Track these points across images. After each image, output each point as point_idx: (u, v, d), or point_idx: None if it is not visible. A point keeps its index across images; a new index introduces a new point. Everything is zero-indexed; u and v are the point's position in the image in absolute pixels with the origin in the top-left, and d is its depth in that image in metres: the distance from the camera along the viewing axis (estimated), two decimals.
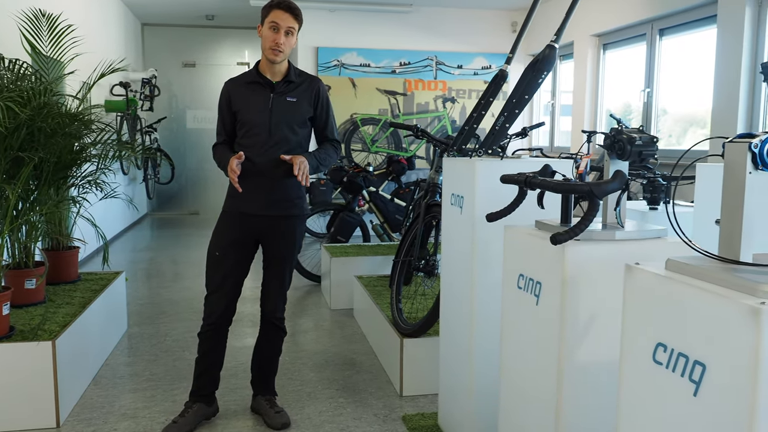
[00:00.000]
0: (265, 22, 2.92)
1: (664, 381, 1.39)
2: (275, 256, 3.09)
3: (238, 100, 3.02)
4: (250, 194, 2.97)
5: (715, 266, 1.39)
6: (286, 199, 3.03)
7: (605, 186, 1.80)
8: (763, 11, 5.10)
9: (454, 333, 2.86)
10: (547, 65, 2.61)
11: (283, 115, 2.98)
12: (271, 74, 3.01)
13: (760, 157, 1.36)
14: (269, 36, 2.90)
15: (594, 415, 1.90)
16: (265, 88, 3.00)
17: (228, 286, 3.05)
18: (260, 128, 2.97)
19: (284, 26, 2.89)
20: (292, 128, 3.00)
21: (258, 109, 2.98)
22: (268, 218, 3.02)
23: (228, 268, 3.04)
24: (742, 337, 1.18)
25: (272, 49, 2.90)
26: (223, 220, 3.09)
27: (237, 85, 3.06)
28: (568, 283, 1.84)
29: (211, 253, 3.07)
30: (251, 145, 2.97)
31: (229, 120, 3.06)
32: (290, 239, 3.08)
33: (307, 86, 3.06)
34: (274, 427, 3.11)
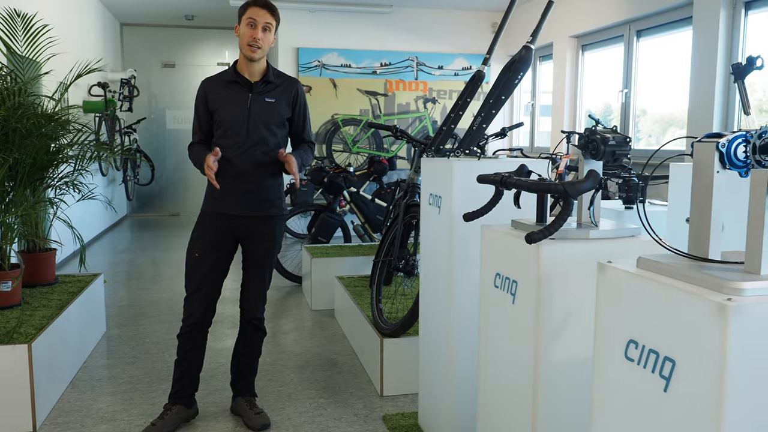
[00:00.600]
0: (242, 20, 2.91)
1: (636, 377, 1.41)
2: (255, 256, 3.08)
3: (215, 100, 3.00)
4: (229, 195, 2.97)
5: (685, 264, 1.41)
6: (266, 200, 3.03)
7: (579, 185, 1.82)
8: (737, 13, 5.17)
9: (433, 332, 2.88)
10: (523, 66, 2.63)
11: (261, 116, 2.97)
12: (249, 74, 2.99)
13: (728, 156, 1.39)
14: (247, 32, 2.89)
15: (570, 412, 1.92)
16: (244, 88, 2.98)
17: (207, 287, 3.04)
18: (238, 128, 2.95)
19: (261, 22, 2.88)
20: (270, 129, 2.99)
21: (236, 109, 2.96)
22: (247, 219, 3.02)
23: (207, 269, 3.02)
24: (709, 332, 1.21)
25: (250, 45, 2.89)
26: (203, 221, 3.07)
27: (215, 84, 3.04)
28: (543, 281, 1.86)
29: (190, 254, 3.05)
30: (229, 145, 2.95)
31: (206, 119, 3.04)
32: (270, 240, 3.08)
33: (285, 87, 3.05)
34: (254, 428, 3.10)
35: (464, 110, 2.88)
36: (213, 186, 2.98)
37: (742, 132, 1.40)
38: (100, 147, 4.57)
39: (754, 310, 1.18)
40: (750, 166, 1.39)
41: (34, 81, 4.29)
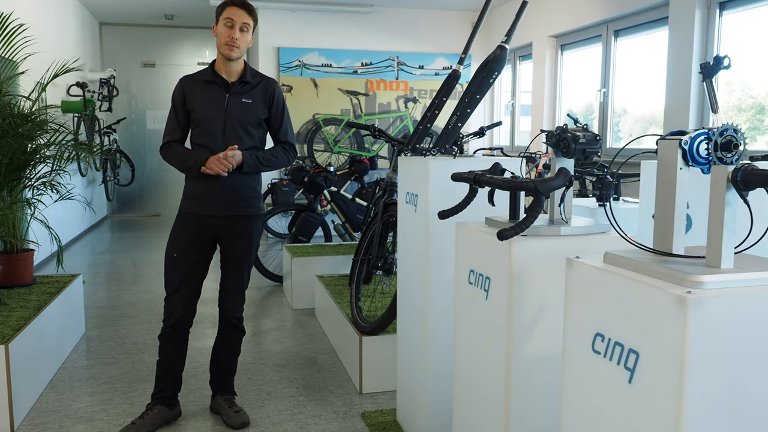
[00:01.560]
0: (220, 19, 2.93)
1: (602, 369, 1.45)
2: (233, 256, 3.09)
3: (192, 98, 3.00)
4: (206, 195, 2.98)
5: (650, 258, 1.44)
6: (242, 199, 3.04)
7: (549, 183, 1.85)
8: (712, 13, 5.25)
9: (410, 330, 2.90)
10: (497, 65, 2.66)
11: (238, 116, 2.98)
12: (227, 74, 3.00)
13: (690, 153, 1.43)
14: (225, 32, 2.90)
15: (542, 407, 1.95)
16: (221, 88, 2.99)
17: (187, 288, 3.04)
18: (215, 128, 2.96)
19: (239, 22, 2.90)
20: (247, 129, 3.00)
21: (213, 109, 2.97)
22: (224, 218, 3.02)
23: (186, 269, 3.02)
24: (670, 324, 1.24)
25: (228, 44, 2.90)
26: (180, 221, 3.07)
27: (192, 82, 3.04)
28: (515, 277, 1.89)
29: (168, 254, 3.05)
30: (206, 145, 2.97)
31: (184, 117, 3.04)
32: (248, 239, 3.09)
33: (262, 87, 3.06)
34: (233, 427, 3.11)
35: (440, 109, 2.91)
36: (190, 186, 2.99)
37: (704, 129, 1.44)
38: (78, 147, 4.55)
39: (713, 303, 1.22)
40: (712, 163, 1.42)
41: (10, 81, 4.26)
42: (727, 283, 1.27)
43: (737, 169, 1.29)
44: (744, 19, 5.11)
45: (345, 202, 6.25)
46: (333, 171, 6.24)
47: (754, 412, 1.26)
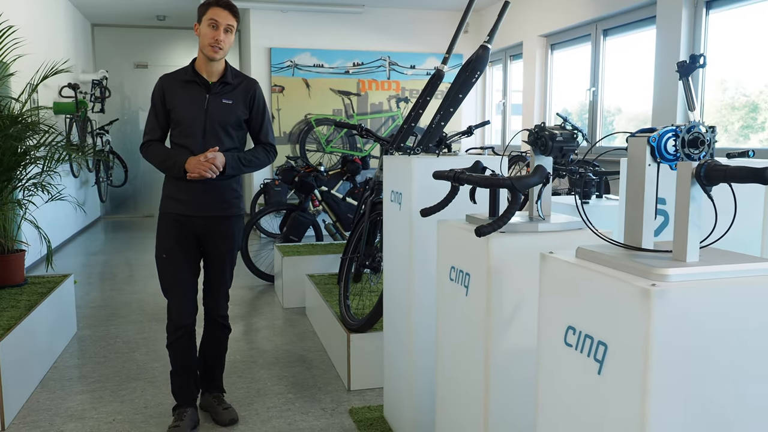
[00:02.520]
0: (203, 20, 2.91)
1: (574, 361, 1.48)
2: (215, 255, 3.09)
3: (172, 98, 2.97)
4: (187, 196, 2.97)
5: (620, 253, 1.48)
6: (223, 200, 3.03)
7: (526, 180, 1.88)
8: (698, 12, 5.30)
9: (396, 327, 2.94)
10: (480, 65, 2.69)
11: (217, 117, 2.96)
12: (207, 74, 2.98)
13: (658, 150, 1.46)
14: (208, 33, 2.89)
15: (520, 400, 1.98)
16: (201, 88, 2.97)
17: (183, 287, 3.02)
18: (194, 128, 2.94)
19: (223, 23, 2.89)
20: (227, 130, 2.98)
21: (193, 109, 2.95)
22: (205, 219, 3.01)
23: (179, 268, 3.02)
24: (635, 316, 1.28)
25: (212, 45, 2.88)
26: (164, 222, 3.06)
27: (172, 82, 3.01)
28: (493, 273, 1.92)
29: (159, 257, 3.05)
30: (186, 145, 2.95)
31: (164, 116, 3.01)
32: (229, 239, 3.09)
33: (243, 88, 3.04)
34: (222, 423, 3.14)
35: (424, 108, 2.94)
36: (170, 186, 2.99)
37: (672, 127, 1.48)
38: (68, 148, 4.57)
39: (677, 295, 1.25)
40: (680, 160, 1.46)
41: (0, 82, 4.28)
42: (691, 276, 1.31)
43: (701, 165, 1.33)
44: (735, 17, 5.16)
45: (336, 202, 6.29)
46: (323, 171, 6.27)
47: (718, 401, 1.30)
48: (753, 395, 1.32)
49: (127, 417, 3.25)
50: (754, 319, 1.30)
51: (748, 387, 1.32)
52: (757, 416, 1.33)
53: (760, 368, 1.32)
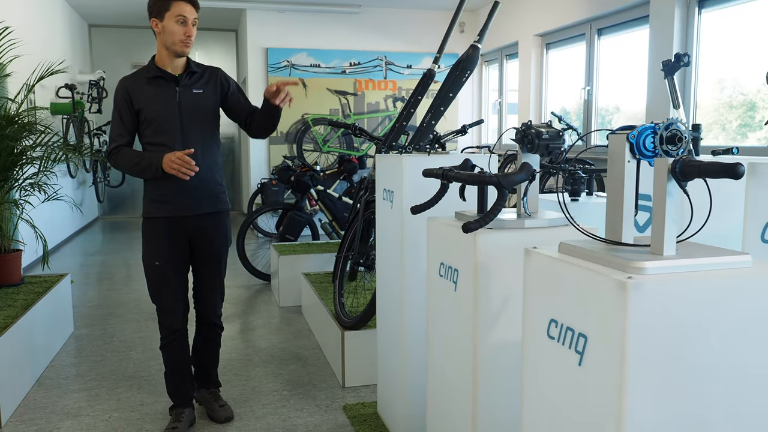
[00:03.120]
0: (166, 16, 2.81)
1: (556, 353, 1.51)
2: (209, 254, 3.05)
3: (140, 98, 2.87)
4: (174, 196, 2.90)
5: (600, 247, 1.51)
6: (211, 195, 2.99)
7: (512, 177, 1.92)
8: (691, 11, 5.34)
9: (389, 323, 2.97)
10: (470, 64, 2.72)
11: (192, 108, 2.90)
12: (172, 68, 2.90)
13: (637, 147, 1.49)
14: (179, 30, 2.82)
15: (507, 392, 2.02)
16: (169, 83, 2.89)
17: (179, 292, 3.00)
18: (171, 124, 2.87)
19: (191, 18, 2.84)
20: (205, 120, 2.94)
21: (165, 104, 2.87)
22: (196, 218, 2.96)
23: (173, 274, 2.97)
24: (613, 308, 1.31)
25: (183, 42, 2.83)
26: (152, 227, 2.96)
27: (136, 81, 2.91)
28: (480, 269, 1.95)
29: (149, 264, 2.97)
30: (163, 143, 2.86)
31: (131, 120, 2.89)
32: (221, 235, 3.05)
33: (209, 77, 2.99)
34: (218, 421, 3.17)
35: (416, 108, 2.97)
36: (154, 188, 2.90)
37: (651, 124, 1.51)
38: (65, 149, 4.60)
39: (653, 287, 1.29)
40: (658, 156, 1.49)
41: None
42: (667, 269, 1.34)
43: (676, 161, 1.36)
44: (731, 16, 5.19)
45: (332, 201, 6.32)
46: (319, 170, 6.30)
47: (694, 391, 1.33)
48: (729, 385, 1.35)
49: (123, 415, 3.28)
50: (729, 310, 1.34)
51: (724, 377, 1.35)
52: (733, 406, 1.36)
53: (736, 358, 1.35)
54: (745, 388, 1.37)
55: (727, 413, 1.36)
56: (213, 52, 10.88)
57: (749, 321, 1.35)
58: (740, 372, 1.36)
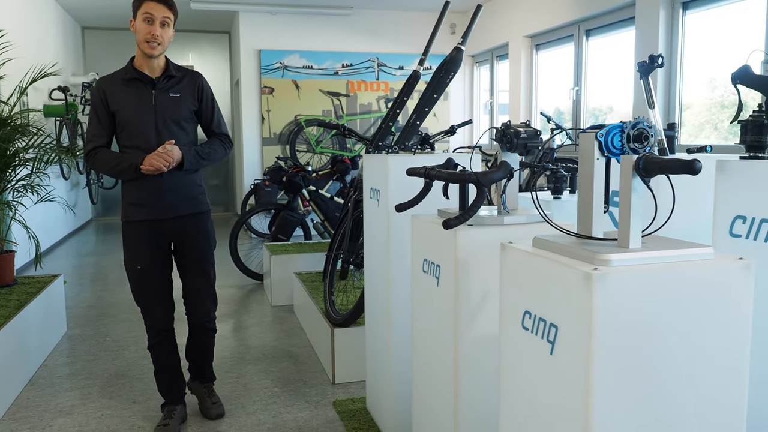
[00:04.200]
0: (137, 14, 2.80)
1: (530, 344, 1.57)
2: (192, 256, 3.04)
3: (116, 99, 2.84)
4: (153, 199, 2.90)
5: (572, 241, 1.57)
6: (190, 197, 2.98)
7: (490, 175, 1.98)
8: (675, 13, 5.41)
9: (376, 319, 3.03)
10: (453, 66, 2.79)
11: (168, 111, 2.87)
12: (149, 70, 2.87)
13: (606, 145, 1.56)
14: (144, 28, 2.77)
15: (487, 384, 2.07)
16: (146, 85, 2.86)
17: (163, 293, 3.02)
18: (146, 126, 2.84)
19: (159, 17, 2.78)
20: (179, 124, 2.91)
21: (141, 107, 2.84)
22: (176, 220, 2.96)
23: (157, 276, 2.99)
24: (580, 298, 1.37)
25: (148, 42, 2.78)
26: (132, 230, 2.96)
27: (112, 83, 2.88)
28: (461, 264, 2.01)
29: (131, 268, 2.97)
30: (138, 145, 2.84)
31: (108, 121, 2.87)
32: (204, 236, 3.04)
33: (188, 81, 2.96)
34: (210, 417, 3.21)
35: (401, 108, 3.03)
36: (132, 192, 2.91)
37: (619, 123, 1.57)
38: (58, 150, 4.65)
39: (617, 278, 1.35)
40: (625, 154, 1.55)
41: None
42: (631, 261, 1.40)
43: (640, 158, 1.42)
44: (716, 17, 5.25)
45: (324, 201, 6.37)
46: (311, 170, 6.36)
47: (659, 379, 1.40)
48: (691, 370, 1.42)
49: (116, 412, 3.33)
50: (691, 300, 1.40)
51: (687, 363, 1.41)
52: (695, 391, 1.43)
53: (697, 345, 1.41)
54: (706, 372, 1.43)
55: (690, 396, 1.43)
56: (206, 54, 10.93)
57: (710, 310, 1.41)
58: (702, 358, 1.42)
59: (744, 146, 2.00)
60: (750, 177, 1.89)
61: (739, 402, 1.47)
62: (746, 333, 1.45)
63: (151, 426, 3.16)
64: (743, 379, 1.47)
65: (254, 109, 9.15)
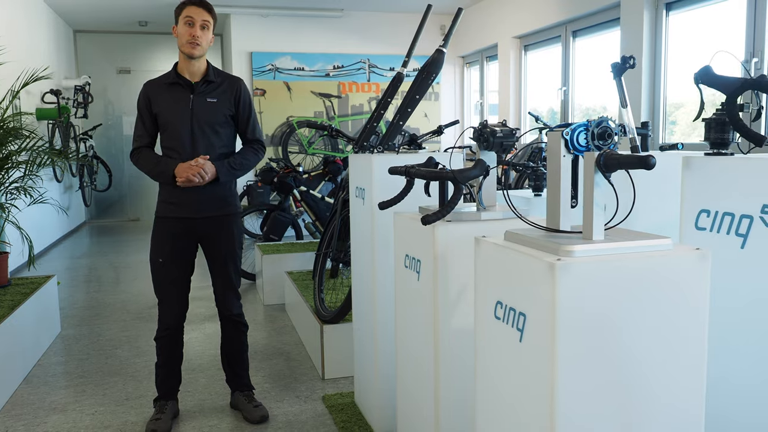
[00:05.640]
0: (179, 19, 2.97)
1: (502, 332, 1.65)
2: (218, 256, 3.14)
3: (158, 102, 3.03)
4: (184, 198, 3.02)
5: (541, 235, 1.65)
6: (219, 198, 3.08)
7: (467, 173, 2.06)
8: (659, 14, 5.51)
9: (363, 315, 3.10)
10: (435, 68, 2.86)
11: (204, 116, 3.01)
12: (190, 74, 3.03)
13: (571, 142, 1.63)
14: (185, 31, 2.94)
15: (466, 374, 2.15)
16: (185, 89, 3.02)
17: (177, 291, 3.12)
18: (182, 129, 2.99)
19: (199, 20, 2.94)
20: (214, 129, 3.03)
21: (179, 110, 3.00)
22: (204, 220, 3.07)
23: (174, 273, 3.09)
24: (545, 287, 1.45)
25: (189, 42, 2.94)
26: (161, 226, 3.10)
27: (156, 86, 3.07)
28: (439, 258, 2.09)
29: (154, 260, 3.11)
30: (174, 147, 3.01)
31: (150, 122, 3.06)
32: (230, 237, 3.13)
33: (227, 86, 3.08)
34: (253, 421, 3.20)
35: (386, 109, 3.11)
36: (166, 191, 3.05)
37: (584, 122, 1.65)
38: (50, 153, 4.71)
39: (580, 268, 1.43)
40: (590, 151, 1.63)
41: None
42: (594, 252, 1.48)
43: (600, 155, 1.50)
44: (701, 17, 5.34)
45: (315, 201, 6.45)
46: (302, 171, 6.43)
47: (620, 360, 1.48)
48: (651, 356, 1.50)
49: (109, 409, 3.40)
50: (650, 288, 1.48)
51: (647, 349, 1.49)
52: (655, 375, 1.51)
53: (656, 330, 1.49)
54: (666, 357, 1.51)
55: (650, 380, 1.51)
56: None
57: (669, 297, 1.49)
58: (661, 343, 1.50)
59: (708, 143, 2.08)
60: (713, 173, 1.98)
61: (697, 385, 1.55)
62: (704, 319, 1.54)
63: (143, 421, 3.23)
64: (702, 363, 1.55)
65: None
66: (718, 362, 1.99)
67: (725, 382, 2.01)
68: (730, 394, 2.02)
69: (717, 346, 1.98)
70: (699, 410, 1.57)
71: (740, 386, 1.99)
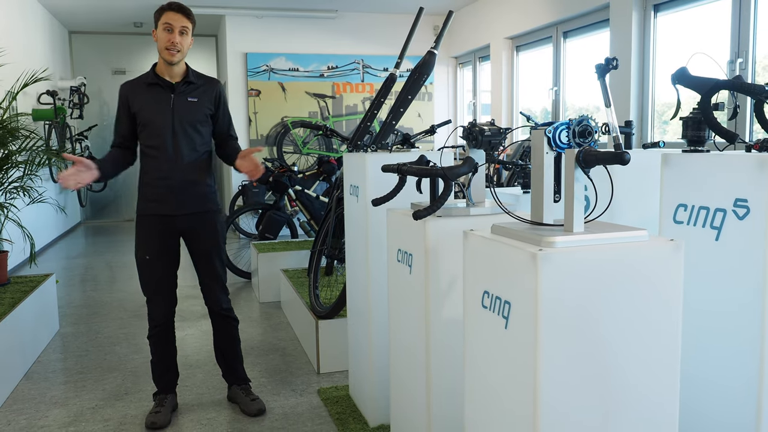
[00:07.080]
0: (158, 24, 3.02)
1: (488, 320, 1.74)
2: (202, 253, 3.21)
3: (137, 102, 3.07)
4: (164, 196, 3.09)
5: (525, 227, 1.74)
6: (199, 195, 3.14)
7: (456, 170, 2.14)
8: (648, 15, 5.61)
9: (357, 310, 3.19)
10: (426, 69, 2.95)
11: (185, 115, 3.07)
12: (169, 76, 3.09)
13: (554, 140, 1.72)
14: (164, 37, 3.01)
15: (457, 363, 2.24)
16: (165, 90, 3.07)
17: (165, 287, 3.19)
18: (163, 129, 3.05)
19: (178, 26, 3.01)
20: (195, 127, 3.10)
21: (159, 110, 3.06)
22: (184, 217, 3.13)
23: (161, 270, 3.16)
24: (528, 276, 1.54)
25: (168, 49, 3.00)
26: (143, 223, 3.16)
27: (135, 86, 3.12)
28: (430, 252, 2.18)
29: (140, 258, 3.16)
30: (155, 146, 3.07)
31: (127, 122, 3.11)
32: (212, 232, 3.20)
33: (206, 88, 3.16)
34: (250, 414, 3.27)
35: (379, 109, 3.20)
36: (146, 189, 3.12)
37: (566, 120, 1.74)
38: (48, 153, 4.77)
39: (560, 258, 1.52)
40: (571, 148, 1.72)
41: None
42: (573, 243, 1.57)
43: (580, 151, 1.59)
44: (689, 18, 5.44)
45: (309, 201, 6.53)
46: (296, 171, 6.51)
47: (600, 345, 1.57)
48: (628, 338, 1.59)
49: (109, 402, 3.48)
50: (627, 277, 1.57)
51: (624, 332, 1.58)
52: (633, 360, 1.60)
53: (633, 316, 1.58)
54: (643, 342, 1.60)
55: (628, 364, 1.60)
56: (194, 58, 11.03)
57: (644, 286, 1.59)
58: (637, 327, 1.59)
59: (686, 141, 2.18)
60: (690, 169, 2.07)
61: (671, 372, 1.64)
62: (678, 307, 1.63)
63: (143, 414, 3.31)
64: (675, 348, 1.64)
65: (241, 111, 9.27)
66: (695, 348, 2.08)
67: (700, 372, 2.11)
68: (705, 386, 2.11)
69: (693, 335, 2.08)
70: (673, 397, 1.66)
71: (714, 376, 2.09)
